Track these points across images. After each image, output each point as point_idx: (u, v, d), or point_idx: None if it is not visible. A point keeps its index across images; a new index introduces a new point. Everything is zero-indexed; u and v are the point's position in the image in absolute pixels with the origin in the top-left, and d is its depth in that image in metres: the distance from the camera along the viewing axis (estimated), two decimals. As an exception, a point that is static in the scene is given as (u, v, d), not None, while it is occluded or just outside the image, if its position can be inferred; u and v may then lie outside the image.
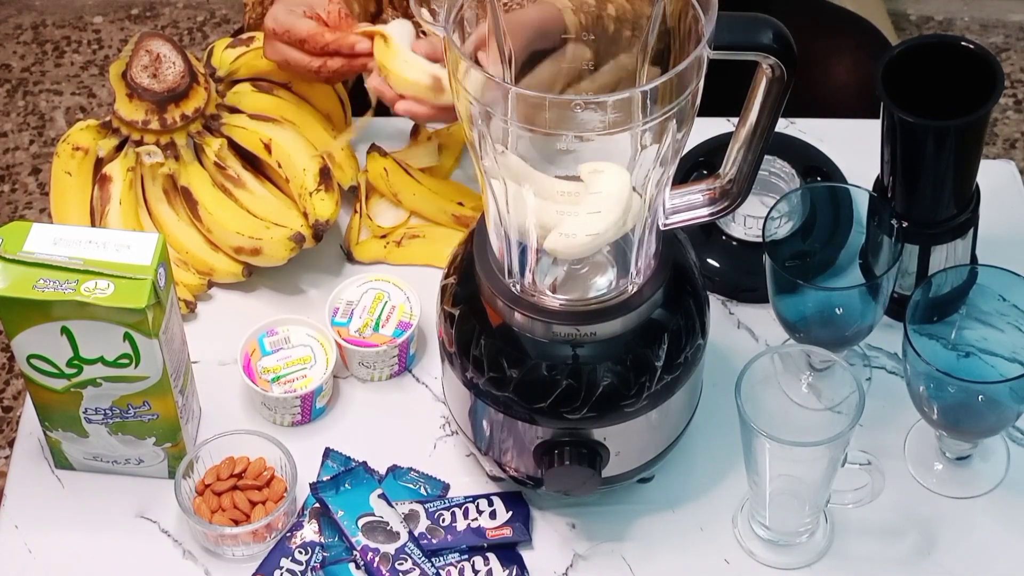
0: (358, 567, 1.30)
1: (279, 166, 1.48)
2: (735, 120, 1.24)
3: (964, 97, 1.30)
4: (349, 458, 1.37)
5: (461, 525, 1.32)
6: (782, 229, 1.38)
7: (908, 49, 1.34)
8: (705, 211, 1.28)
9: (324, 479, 1.34)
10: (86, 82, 2.74)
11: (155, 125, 1.47)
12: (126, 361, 1.27)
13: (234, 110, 1.51)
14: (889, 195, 1.38)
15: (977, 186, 1.39)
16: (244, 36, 1.56)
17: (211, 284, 1.50)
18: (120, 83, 1.47)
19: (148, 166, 1.47)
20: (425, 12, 1.14)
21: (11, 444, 2.01)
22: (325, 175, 1.48)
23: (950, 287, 1.33)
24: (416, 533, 1.31)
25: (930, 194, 1.37)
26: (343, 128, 1.57)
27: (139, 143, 1.48)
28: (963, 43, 1.34)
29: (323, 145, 1.51)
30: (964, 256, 1.42)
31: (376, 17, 1.63)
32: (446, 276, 1.30)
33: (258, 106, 1.52)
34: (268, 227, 1.46)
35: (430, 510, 1.33)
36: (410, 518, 1.32)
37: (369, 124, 1.62)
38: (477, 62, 1.18)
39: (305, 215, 1.47)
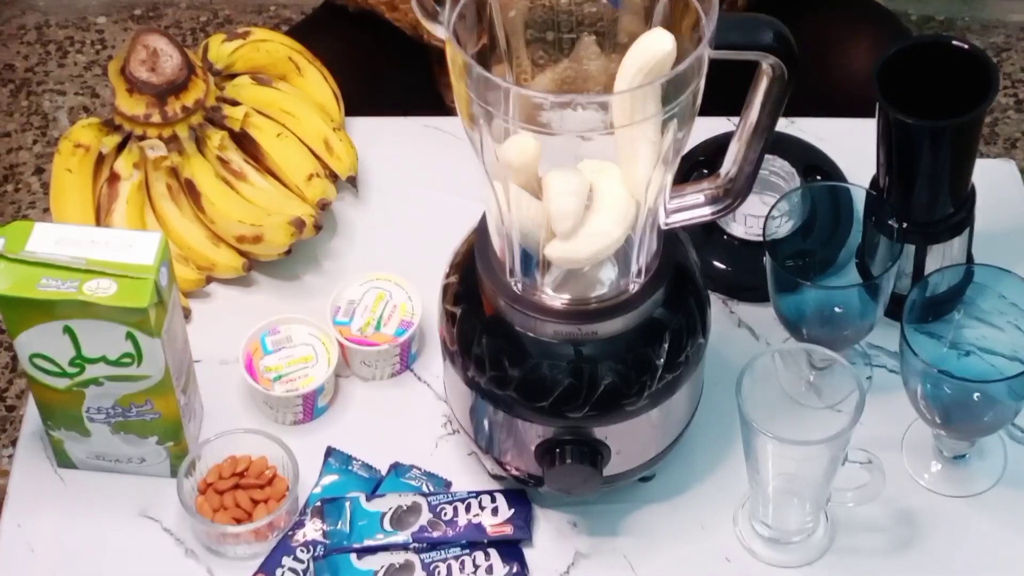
0: (359, 558, 1.30)
1: (278, 157, 1.51)
2: (735, 119, 1.24)
3: (960, 97, 1.30)
4: (351, 456, 1.38)
5: (462, 520, 1.32)
6: (782, 228, 1.38)
7: (903, 50, 1.34)
8: (706, 210, 1.28)
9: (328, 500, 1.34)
10: (89, 82, 2.74)
11: (156, 118, 1.47)
12: (128, 360, 1.27)
13: (234, 103, 1.52)
14: (885, 196, 1.38)
15: (973, 185, 1.40)
16: (240, 31, 1.57)
17: (209, 280, 1.50)
18: (119, 79, 1.48)
19: (152, 160, 1.48)
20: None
21: (14, 443, 2.02)
22: (322, 164, 1.53)
23: (946, 286, 1.33)
24: (417, 526, 1.31)
25: (926, 194, 1.37)
26: (339, 120, 1.58)
27: (141, 139, 1.48)
28: (956, 43, 1.34)
29: (320, 136, 1.52)
30: (960, 255, 1.42)
31: None
32: (447, 275, 1.31)
33: (257, 98, 1.53)
34: (269, 214, 1.47)
35: (432, 503, 1.33)
36: (411, 511, 1.32)
37: (369, 124, 1.63)
38: (479, 61, 1.19)
39: (305, 201, 1.49)
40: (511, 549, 1.32)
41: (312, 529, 1.33)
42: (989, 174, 1.50)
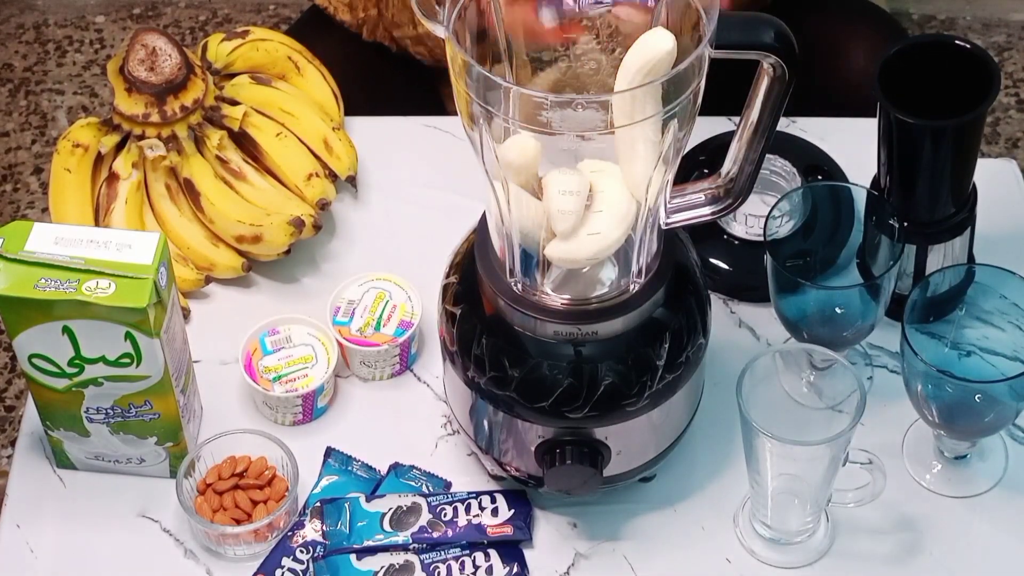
0: (359, 558, 1.30)
1: (277, 156, 1.51)
2: (736, 119, 1.24)
3: (961, 97, 1.30)
4: (350, 457, 1.37)
5: (462, 521, 1.32)
6: (783, 228, 1.38)
7: (904, 50, 1.34)
8: (707, 210, 1.28)
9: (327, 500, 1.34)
10: (88, 82, 2.74)
11: (155, 118, 1.47)
12: (127, 360, 1.27)
13: (233, 102, 1.52)
14: (886, 196, 1.38)
15: (974, 185, 1.39)
16: (239, 30, 1.57)
17: (208, 280, 1.50)
18: (118, 78, 1.47)
19: (151, 160, 1.48)
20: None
21: (13, 443, 2.02)
22: (322, 164, 1.52)
23: (948, 286, 1.33)
24: (417, 527, 1.31)
25: (927, 194, 1.37)
26: (338, 119, 1.58)
27: (140, 138, 1.48)
28: (959, 42, 1.33)
29: (320, 135, 1.52)
30: (961, 255, 1.42)
31: None
32: (447, 275, 1.31)
33: (256, 98, 1.53)
34: (268, 214, 1.47)
35: (432, 503, 1.33)
36: (411, 511, 1.32)
37: (369, 124, 1.62)
38: (479, 61, 1.19)
39: (305, 201, 1.49)
40: (511, 550, 1.32)
41: (312, 530, 1.33)
42: (990, 174, 1.50)
